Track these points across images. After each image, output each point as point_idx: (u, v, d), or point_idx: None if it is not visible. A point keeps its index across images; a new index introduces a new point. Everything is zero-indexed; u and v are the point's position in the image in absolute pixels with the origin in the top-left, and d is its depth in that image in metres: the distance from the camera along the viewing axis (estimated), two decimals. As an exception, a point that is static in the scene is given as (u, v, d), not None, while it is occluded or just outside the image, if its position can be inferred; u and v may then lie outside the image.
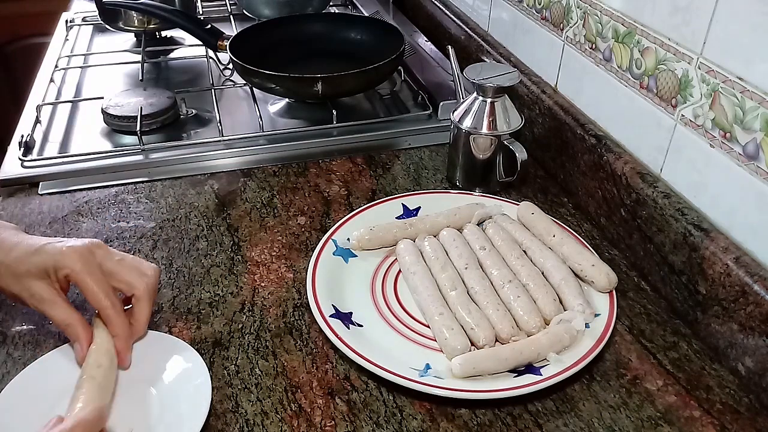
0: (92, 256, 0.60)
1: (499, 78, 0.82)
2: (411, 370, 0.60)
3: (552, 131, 0.90)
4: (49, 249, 0.59)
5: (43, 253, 0.59)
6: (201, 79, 1.18)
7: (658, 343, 0.66)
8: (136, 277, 0.61)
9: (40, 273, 0.59)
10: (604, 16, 0.79)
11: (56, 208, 0.84)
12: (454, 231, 0.76)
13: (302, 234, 0.80)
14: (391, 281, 0.73)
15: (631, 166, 0.75)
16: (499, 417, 0.58)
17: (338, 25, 1.20)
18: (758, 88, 0.59)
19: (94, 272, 0.59)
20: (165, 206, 0.85)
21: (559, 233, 0.74)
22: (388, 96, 1.12)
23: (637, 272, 0.75)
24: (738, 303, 0.60)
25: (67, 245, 0.60)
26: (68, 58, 1.22)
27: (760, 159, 0.60)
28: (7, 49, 2.06)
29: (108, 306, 0.59)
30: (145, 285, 0.61)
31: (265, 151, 0.96)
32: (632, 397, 0.60)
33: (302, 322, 0.68)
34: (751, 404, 0.60)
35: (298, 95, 1.06)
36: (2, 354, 0.64)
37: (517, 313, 0.65)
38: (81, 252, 0.59)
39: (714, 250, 0.63)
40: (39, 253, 0.59)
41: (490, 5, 1.10)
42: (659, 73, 0.71)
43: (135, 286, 0.61)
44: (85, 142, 0.97)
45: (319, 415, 0.58)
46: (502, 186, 0.88)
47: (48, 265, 0.59)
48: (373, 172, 0.92)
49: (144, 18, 1.25)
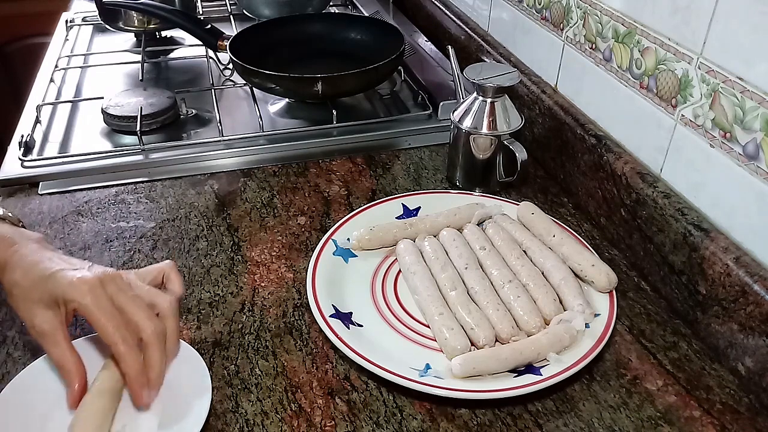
0: (102, 289, 0.55)
1: (499, 78, 0.82)
2: (411, 370, 0.60)
3: (552, 131, 0.90)
4: (60, 278, 0.56)
5: (54, 281, 0.56)
6: (201, 79, 1.18)
7: (658, 343, 0.66)
8: (145, 319, 0.56)
9: (50, 302, 0.55)
10: (604, 16, 0.79)
11: (56, 208, 0.84)
12: (454, 231, 0.76)
13: (302, 234, 0.80)
14: (391, 281, 0.73)
15: (631, 166, 0.75)
16: (499, 417, 0.58)
17: (338, 25, 1.20)
18: (758, 88, 0.59)
19: (104, 306, 0.55)
20: (165, 206, 0.85)
21: (559, 233, 0.74)
22: (388, 96, 1.12)
23: (637, 272, 0.75)
24: (738, 303, 0.60)
25: (77, 276, 0.56)
26: (68, 58, 1.22)
27: (760, 159, 0.60)
28: (7, 49, 2.06)
29: (118, 342, 0.54)
30: (153, 329, 0.56)
31: (265, 151, 0.96)
32: (632, 397, 0.60)
33: (302, 322, 0.68)
34: (751, 404, 0.60)
35: (298, 95, 1.06)
36: (2, 354, 0.64)
37: (517, 313, 0.65)
38: (91, 284, 0.55)
39: (714, 250, 0.63)
40: (50, 280, 0.56)
41: (490, 5, 1.10)
42: (659, 73, 0.71)
43: (143, 329, 0.55)
44: (85, 142, 0.97)
45: (319, 415, 0.58)
46: (502, 186, 0.88)
47: (57, 294, 0.55)
48: (373, 172, 0.92)
49: (144, 18, 1.25)
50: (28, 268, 0.57)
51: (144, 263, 0.75)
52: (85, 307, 0.54)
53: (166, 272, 0.63)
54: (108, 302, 0.55)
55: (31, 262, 0.58)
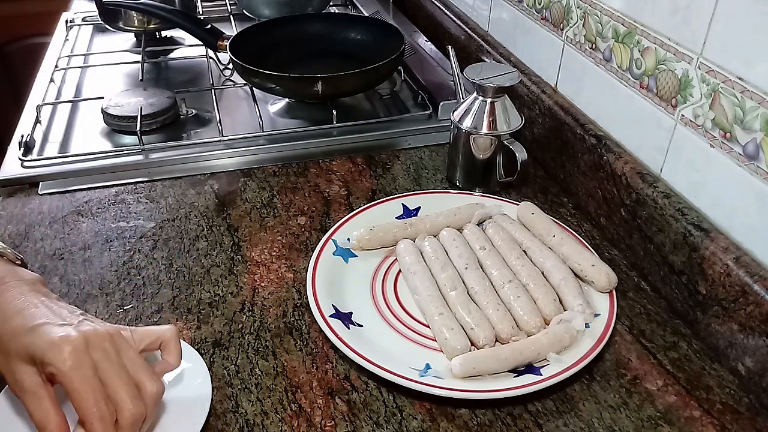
0: (86, 354, 0.49)
1: (499, 78, 0.82)
2: (411, 370, 0.60)
3: (552, 131, 0.90)
4: (41, 333, 0.50)
5: (34, 336, 0.49)
6: (201, 79, 1.18)
7: (658, 343, 0.66)
8: (126, 399, 0.49)
9: (27, 359, 0.49)
10: (604, 16, 0.79)
11: (56, 208, 0.84)
12: (454, 231, 0.76)
13: (302, 234, 0.80)
14: (391, 281, 0.73)
15: (631, 166, 0.75)
16: (499, 417, 0.58)
17: (338, 25, 1.20)
18: (758, 88, 0.59)
19: (84, 375, 0.48)
20: (165, 206, 0.85)
21: (559, 233, 0.74)
22: (388, 96, 1.12)
23: (637, 272, 0.75)
24: (738, 303, 0.60)
25: (59, 335, 0.49)
26: (68, 58, 1.22)
27: (760, 159, 0.60)
28: (7, 49, 2.06)
29: (95, 420, 0.48)
30: (132, 412, 0.49)
31: (265, 151, 0.96)
32: (632, 397, 0.60)
33: (302, 322, 0.68)
34: (751, 404, 0.60)
35: (298, 95, 1.06)
36: (2, 354, 0.64)
37: (517, 313, 0.65)
38: (74, 346, 0.49)
39: (714, 250, 0.63)
40: (32, 333, 0.50)
41: (490, 5, 1.10)
42: (659, 73, 0.71)
43: (120, 410, 0.49)
44: (85, 142, 0.97)
45: (319, 415, 0.58)
46: (502, 186, 0.88)
47: (36, 354, 0.49)
48: (373, 172, 0.92)
49: (144, 18, 1.25)
50: (10, 315, 0.52)
51: (144, 263, 0.75)
52: (63, 374, 0.48)
53: (166, 339, 0.56)
54: (90, 371, 0.49)
55: (15, 309, 0.52)
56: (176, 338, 0.57)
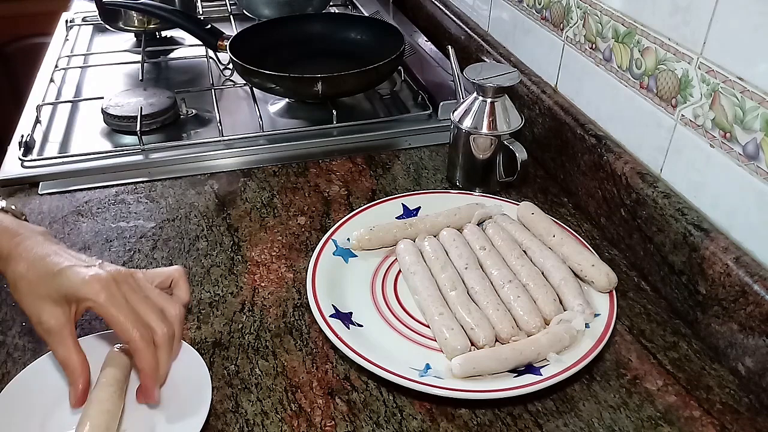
0: (117, 288, 0.56)
1: (499, 78, 0.82)
2: (411, 370, 0.60)
3: (552, 131, 0.90)
4: (72, 275, 0.55)
5: (65, 278, 0.55)
6: (201, 79, 1.18)
7: (658, 343, 0.66)
8: (157, 321, 0.56)
9: (59, 299, 0.55)
10: (604, 16, 0.79)
11: (56, 208, 0.84)
12: (454, 231, 0.76)
13: (302, 234, 0.80)
14: (391, 281, 0.73)
15: (631, 166, 0.75)
16: (499, 417, 0.58)
17: (338, 25, 1.20)
18: (758, 88, 0.59)
19: (119, 303, 0.55)
20: (165, 206, 0.85)
21: (559, 233, 0.74)
22: (388, 96, 1.12)
23: (637, 272, 0.75)
24: (738, 303, 0.60)
25: (90, 274, 0.55)
26: (68, 58, 1.22)
27: (760, 159, 0.60)
28: (7, 49, 2.06)
29: (137, 338, 0.54)
30: (165, 331, 0.56)
31: (265, 151, 0.96)
32: (632, 397, 0.60)
33: (302, 322, 0.68)
34: (751, 404, 0.60)
35: (298, 95, 1.06)
36: (2, 354, 0.64)
37: (517, 313, 0.65)
38: (105, 282, 0.55)
39: (714, 250, 0.63)
40: (61, 276, 0.55)
41: (490, 5, 1.10)
42: (659, 73, 0.71)
43: (155, 330, 0.56)
44: (85, 142, 0.97)
45: (319, 415, 0.58)
46: (502, 186, 0.88)
47: (69, 293, 0.54)
48: (373, 172, 0.92)
49: (144, 18, 1.25)
50: (35, 261, 0.56)
51: (144, 263, 0.75)
52: (100, 305, 0.54)
53: (176, 278, 0.64)
54: (123, 300, 0.55)
55: (38, 255, 0.57)
56: (184, 277, 0.65)
